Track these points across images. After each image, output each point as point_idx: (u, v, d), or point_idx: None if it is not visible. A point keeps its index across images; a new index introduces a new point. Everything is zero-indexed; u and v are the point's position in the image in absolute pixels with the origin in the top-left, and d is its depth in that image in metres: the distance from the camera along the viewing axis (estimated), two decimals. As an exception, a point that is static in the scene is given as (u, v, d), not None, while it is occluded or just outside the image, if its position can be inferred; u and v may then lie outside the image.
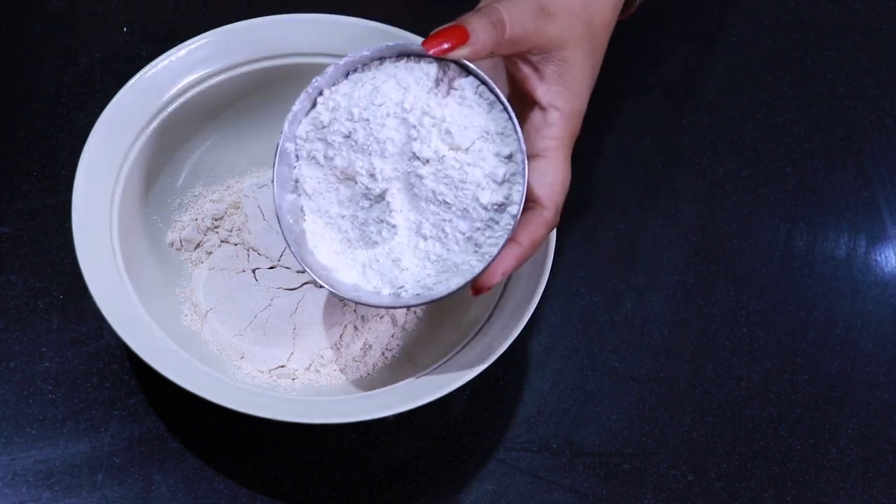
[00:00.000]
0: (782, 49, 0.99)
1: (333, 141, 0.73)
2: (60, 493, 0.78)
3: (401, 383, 0.76)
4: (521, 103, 0.73)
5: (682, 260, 0.89)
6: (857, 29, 1.00)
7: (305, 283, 0.82)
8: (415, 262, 0.73)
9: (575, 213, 0.89)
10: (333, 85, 0.73)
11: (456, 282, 0.71)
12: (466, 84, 0.71)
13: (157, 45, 0.83)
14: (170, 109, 0.82)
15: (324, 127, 0.73)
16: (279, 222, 0.74)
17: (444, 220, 0.71)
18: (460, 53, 0.70)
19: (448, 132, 0.71)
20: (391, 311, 0.83)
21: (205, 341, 0.81)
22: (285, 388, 0.80)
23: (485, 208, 0.70)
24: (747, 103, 0.96)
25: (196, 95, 0.83)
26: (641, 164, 0.93)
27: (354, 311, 0.82)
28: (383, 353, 0.82)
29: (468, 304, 0.81)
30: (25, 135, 0.90)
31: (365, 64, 0.73)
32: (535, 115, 0.72)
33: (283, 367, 0.81)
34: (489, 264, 0.70)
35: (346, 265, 0.75)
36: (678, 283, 0.88)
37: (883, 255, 0.91)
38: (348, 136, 0.73)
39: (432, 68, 0.71)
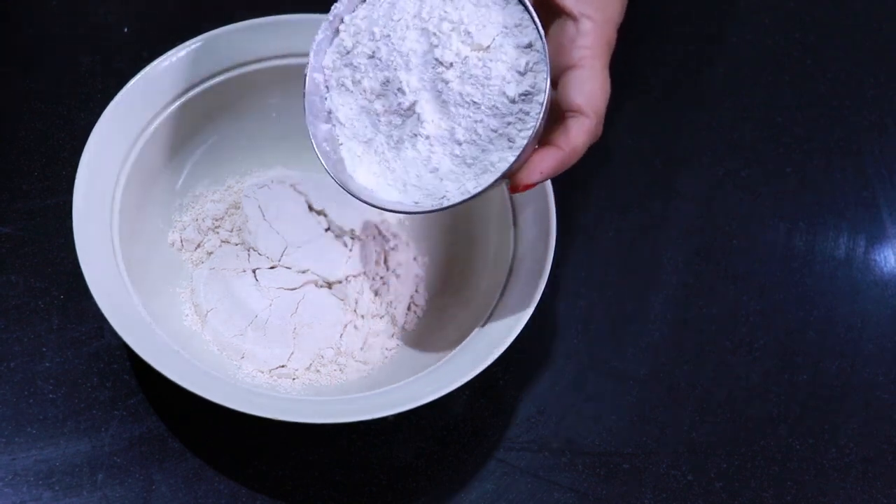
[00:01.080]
0: (782, 49, 0.99)
1: (359, 64, 0.73)
2: (61, 492, 0.78)
3: (401, 383, 0.76)
4: (552, 16, 0.72)
5: (682, 260, 0.89)
6: (857, 29, 1.00)
7: (305, 283, 0.82)
8: (453, 169, 0.72)
9: (575, 213, 0.89)
10: (353, 11, 0.74)
11: (487, 178, 0.71)
12: None
13: (157, 45, 0.83)
14: (170, 109, 0.83)
15: (348, 52, 0.73)
16: (316, 153, 0.74)
17: (476, 122, 0.71)
18: None
19: (468, 33, 0.70)
20: (391, 312, 0.83)
21: (205, 341, 0.81)
22: (285, 388, 0.80)
23: (512, 101, 0.70)
24: (747, 103, 0.96)
25: (196, 95, 0.83)
26: (641, 164, 0.93)
27: (354, 310, 0.82)
28: (383, 353, 0.82)
29: (468, 303, 0.81)
30: (26, 135, 0.90)
31: None
32: (568, 26, 0.71)
33: (283, 366, 0.81)
34: (520, 154, 0.69)
35: (386, 185, 0.74)
36: (678, 283, 0.88)
37: (882, 255, 0.91)
38: (372, 56, 0.73)
39: None
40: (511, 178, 0.71)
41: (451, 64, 0.71)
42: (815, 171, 0.94)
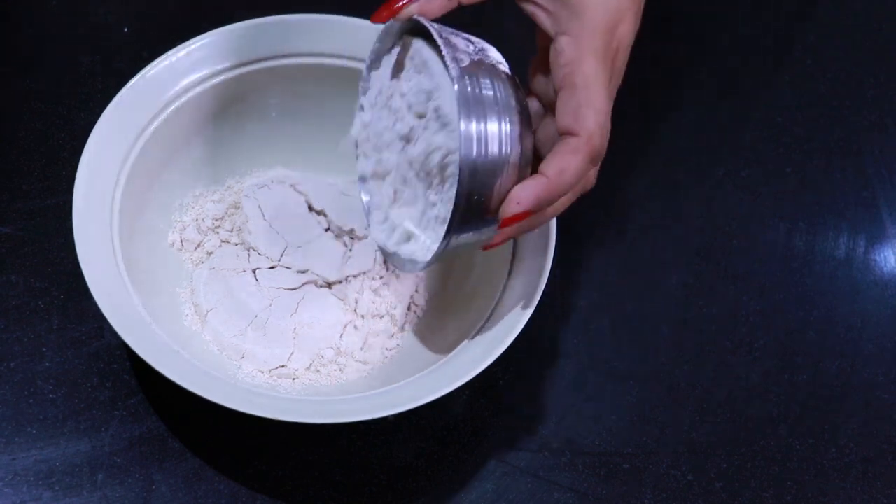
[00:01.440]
0: (782, 49, 0.99)
1: (366, 147, 0.77)
2: (61, 492, 0.78)
3: (401, 383, 0.76)
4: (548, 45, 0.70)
5: (682, 260, 0.89)
6: (857, 29, 1.00)
7: (305, 283, 0.82)
8: (442, 229, 0.72)
9: (575, 213, 0.89)
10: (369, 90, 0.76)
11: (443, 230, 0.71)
12: (421, 45, 0.71)
13: (157, 45, 0.83)
14: (170, 109, 0.83)
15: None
16: (367, 221, 0.78)
17: (439, 183, 0.72)
18: (409, 11, 0.70)
19: (410, 105, 0.72)
20: (391, 312, 0.83)
21: (205, 341, 0.81)
22: (285, 388, 0.80)
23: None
24: (747, 103, 0.96)
25: (196, 95, 0.83)
26: (641, 164, 0.93)
27: (354, 310, 0.82)
28: (383, 353, 0.82)
29: (468, 303, 0.81)
30: (26, 135, 0.90)
31: (383, 57, 0.74)
32: (551, 50, 0.69)
33: (283, 367, 0.81)
34: (457, 203, 0.68)
35: (421, 247, 0.75)
36: (678, 283, 0.88)
37: (882, 255, 0.91)
38: (367, 139, 0.76)
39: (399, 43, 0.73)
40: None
41: (406, 136, 0.72)
42: (815, 171, 0.94)
